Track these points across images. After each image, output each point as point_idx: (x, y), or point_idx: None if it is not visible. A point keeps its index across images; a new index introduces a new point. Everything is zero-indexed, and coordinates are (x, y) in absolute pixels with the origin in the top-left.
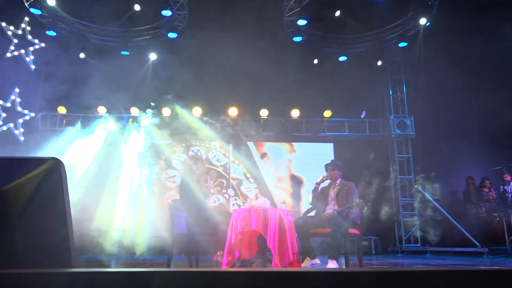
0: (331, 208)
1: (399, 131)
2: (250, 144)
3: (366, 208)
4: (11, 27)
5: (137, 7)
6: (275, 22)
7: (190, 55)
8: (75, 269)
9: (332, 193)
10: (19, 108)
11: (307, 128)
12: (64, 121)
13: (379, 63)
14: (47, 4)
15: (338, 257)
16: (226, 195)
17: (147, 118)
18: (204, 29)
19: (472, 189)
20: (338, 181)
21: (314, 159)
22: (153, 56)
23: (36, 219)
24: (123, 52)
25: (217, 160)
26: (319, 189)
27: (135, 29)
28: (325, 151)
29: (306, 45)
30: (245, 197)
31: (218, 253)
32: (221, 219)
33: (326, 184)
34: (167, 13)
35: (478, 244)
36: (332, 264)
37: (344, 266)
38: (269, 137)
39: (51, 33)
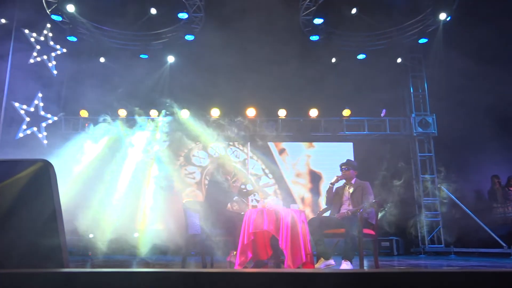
0: (345, 208)
1: (420, 129)
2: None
3: (386, 209)
4: (34, 34)
5: (153, 11)
6: (291, 22)
7: (207, 57)
8: (66, 269)
9: (347, 193)
10: (42, 113)
11: (325, 127)
12: (86, 124)
13: (399, 60)
14: (67, 10)
15: (352, 258)
16: (244, 191)
17: (163, 120)
18: (221, 31)
19: (498, 188)
20: (353, 181)
21: (333, 157)
22: (171, 59)
23: (23, 220)
24: (142, 56)
25: (236, 156)
26: (334, 189)
27: (153, 33)
28: (344, 150)
29: (323, 44)
30: (264, 193)
31: (232, 254)
32: (238, 220)
33: (341, 184)
34: (183, 15)
35: (504, 245)
36: (345, 265)
37: (358, 267)
38: (287, 137)
39: (72, 38)
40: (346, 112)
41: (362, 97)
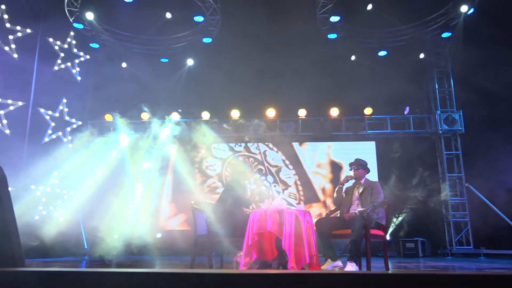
0: (354, 209)
1: (446, 127)
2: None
3: (406, 211)
4: (58, 42)
5: (168, 15)
6: (309, 20)
7: (226, 59)
8: (19, 268)
9: (356, 193)
10: (67, 118)
11: (347, 126)
12: (111, 128)
13: (422, 55)
14: (87, 18)
15: (358, 259)
16: (265, 182)
17: (183, 123)
18: (238, 32)
19: None
20: (362, 181)
21: (354, 150)
22: (190, 62)
23: None
24: (162, 59)
25: (256, 148)
26: (344, 189)
27: (172, 37)
28: (366, 147)
29: (343, 42)
30: (284, 184)
31: (238, 254)
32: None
33: (351, 184)
34: (199, 18)
35: None
36: (350, 267)
37: (366, 269)
38: (308, 137)
39: (95, 45)
40: (368, 111)
41: (384, 94)
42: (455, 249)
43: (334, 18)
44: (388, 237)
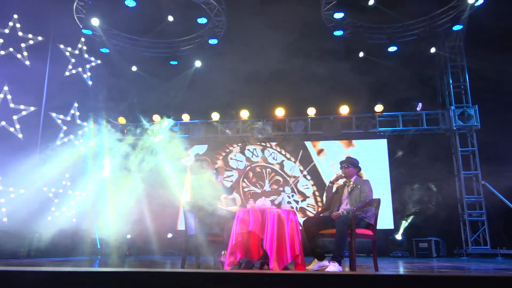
0: (344, 208)
1: (461, 123)
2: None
3: (418, 212)
4: (69, 48)
5: (170, 18)
6: (316, 18)
7: (233, 59)
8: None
9: (345, 191)
10: (78, 121)
11: (357, 124)
12: (125, 130)
13: (433, 50)
14: (95, 24)
15: (341, 259)
16: (283, 193)
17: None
18: (245, 33)
19: None
20: (352, 179)
21: (372, 153)
22: (198, 64)
23: None
24: (171, 62)
25: (273, 159)
26: (334, 188)
27: (181, 39)
28: (377, 145)
29: (351, 39)
30: (302, 195)
31: (222, 253)
32: (229, 220)
33: (342, 183)
34: (202, 20)
35: None
36: (333, 267)
37: (353, 269)
38: (317, 136)
39: (105, 50)
40: (379, 108)
41: (395, 91)
42: (471, 249)
43: (338, 15)
44: (400, 237)
